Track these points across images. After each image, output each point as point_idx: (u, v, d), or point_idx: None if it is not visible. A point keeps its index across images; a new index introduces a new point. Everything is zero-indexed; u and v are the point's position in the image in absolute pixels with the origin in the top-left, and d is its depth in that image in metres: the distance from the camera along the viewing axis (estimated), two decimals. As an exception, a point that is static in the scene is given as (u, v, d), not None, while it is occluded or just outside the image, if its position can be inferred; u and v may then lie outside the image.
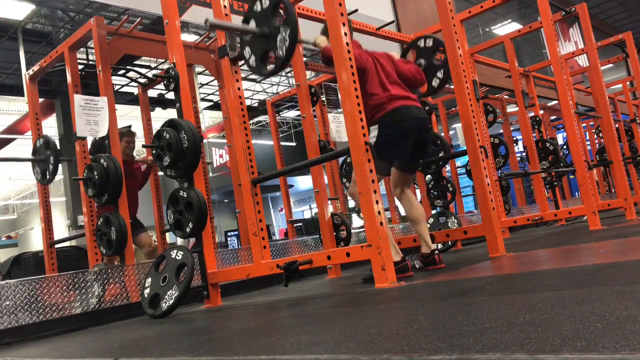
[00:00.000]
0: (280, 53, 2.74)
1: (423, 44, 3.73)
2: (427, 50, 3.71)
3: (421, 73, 3.42)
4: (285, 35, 2.70)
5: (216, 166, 14.47)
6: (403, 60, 3.46)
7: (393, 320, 1.61)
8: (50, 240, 4.58)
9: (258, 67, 2.93)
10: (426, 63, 3.67)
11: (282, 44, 2.71)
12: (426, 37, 3.75)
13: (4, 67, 9.72)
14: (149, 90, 5.98)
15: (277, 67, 2.83)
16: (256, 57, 2.93)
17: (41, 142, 4.43)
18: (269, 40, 2.80)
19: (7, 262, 5.99)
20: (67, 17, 8.92)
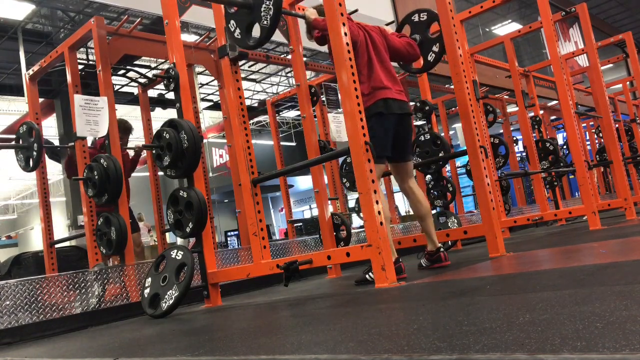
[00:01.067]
0: (265, 23, 2.73)
1: (417, 18, 3.64)
2: (421, 24, 3.62)
3: (415, 47, 3.36)
4: (270, 4, 2.69)
5: (216, 166, 14.48)
6: (397, 34, 3.40)
7: (393, 320, 1.61)
8: (50, 240, 4.58)
9: (243, 39, 2.92)
10: (421, 37, 3.57)
11: (267, 14, 2.70)
12: (420, 11, 3.66)
13: (4, 67, 9.72)
14: (149, 90, 5.99)
15: (262, 37, 2.80)
16: (241, 30, 2.91)
17: (24, 128, 4.32)
18: (253, 10, 2.78)
19: (7, 262, 5.98)
20: (67, 17, 8.92)
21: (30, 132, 4.29)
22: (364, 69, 3.08)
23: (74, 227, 9.83)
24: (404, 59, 3.38)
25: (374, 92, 3.08)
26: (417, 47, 3.40)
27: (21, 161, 4.38)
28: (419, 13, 3.64)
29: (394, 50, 3.28)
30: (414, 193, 3.33)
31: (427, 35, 3.59)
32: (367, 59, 3.10)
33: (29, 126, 4.32)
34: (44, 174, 4.69)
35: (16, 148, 4.41)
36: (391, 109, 3.10)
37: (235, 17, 2.94)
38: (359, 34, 3.08)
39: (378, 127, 3.05)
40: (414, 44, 3.40)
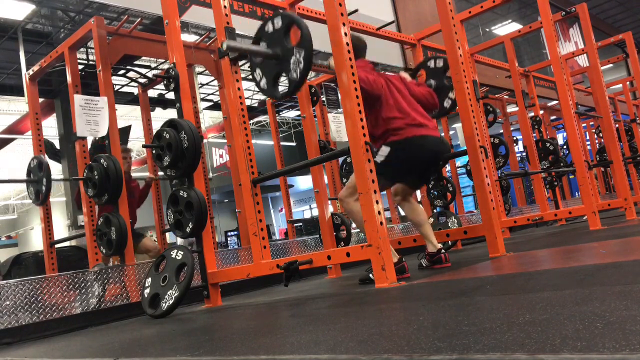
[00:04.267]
0: (294, 75, 2.65)
1: (433, 64, 3.68)
2: (437, 70, 3.65)
3: (434, 96, 3.39)
4: (300, 58, 2.61)
5: (216, 166, 14.48)
6: (415, 83, 3.43)
7: (393, 320, 1.61)
8: (50, 240, 4.58)
9: (270, 89, 2.85)
10: (437, 83, 3.61)
11: (296, 67, 2.63)
12: (436, 58, 3.70)
13: (4, 67, 9.71)
14: (149, 90, 5.99)
15: (291, 89, 2.73)
16: (268, 79, 2.85)
17: (35, 162, 4.41)
18: (282, 62, 2.72)
19: (7, 262, 5.99)
20: (67, 17, 8.92)
21: (40, 167, 4.34)
22: (393, 112, 3.10)
23: (74, 227, 9.83)
24: (424, 108, 3.38)
25: (409, 128, 3.11)
26: (436, 97, 3.42)
27: (31, 194, 4.49)
28: (435, 59, 3.68)
29: (415, 99, 3.30)
30: (411, 202, 3.42)
31: (444, 81, 3.61)
32: (393, 102, 3.13)
33: (38, 161, 4.39)
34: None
35: (27, 182, 4.48)
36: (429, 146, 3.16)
37: (262, 66, 2.88)
38: (382, 86, 3.11)
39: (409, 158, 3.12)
40: (434, 94, 3.42)
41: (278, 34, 2.76)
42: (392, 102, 3.12)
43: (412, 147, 3.10)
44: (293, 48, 2.66)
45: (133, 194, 4.94)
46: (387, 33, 5.28)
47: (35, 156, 4.48)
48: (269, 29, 2.80)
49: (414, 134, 3.10)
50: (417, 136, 3.11)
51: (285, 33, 2.74)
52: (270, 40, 2.80)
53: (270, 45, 2.79)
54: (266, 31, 2.82)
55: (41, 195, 4.31)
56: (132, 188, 4.92)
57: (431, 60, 3.70)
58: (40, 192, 4.31)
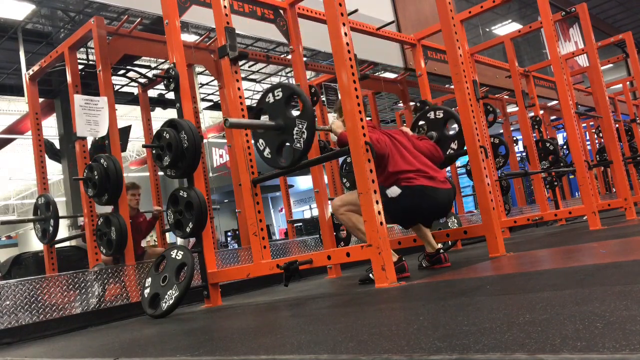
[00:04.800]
0: (298, 145, 2.68)
1: (433, 115, 3.68)
2: (437, 121, 3.65)
3: (438, 150, 3.40)
4: (303, 128, 2.64)
5: (216, 166, 14.48)
6: (417, 137, 3.44)
7: (393, 320, 1.61)
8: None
9: (274, 159, 2.86)
10: (438, 135, 3.62)
11: (300, 136, 2.66)
12: (436, 109, 3.71)
13: (4, 67, 9.71)
14: (149, 90, 5.99)
15: (296, 159, 2.75)
16: (272, 149, 2.85)
17: (42, 201, 4.46)
18: (285, 132, 2.74)
19: (7, 262, 5.98)
20: (67, 17, 8.91)
21: (47, 206, 4.38)
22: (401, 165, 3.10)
23: (74, 227, 9.83)
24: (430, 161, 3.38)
25: (419, 178, 3.11)
26: (440, 150, 3.43)
27: (38, 231, 4.55)
28: (435, 111, 3.68)
29: (420, 153, 3.31)
30: None
31: (445, 132, 3.62)
32: (399, 157, 3.13)
33: (46, 200, 4.43)
34: (44, 174, 4.69)
35: (34, 221, 4.54)
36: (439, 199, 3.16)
37: (264, 136, 2.90)
38: (387, 145, 3.11)
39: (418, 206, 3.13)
40: (437, 147, 3.43)
41: (279, 104, 2.78)
42: (398, 157, 3.13)
43: (423, 197, 3.09)
44: (295, 119, 2.68)
45: (140, 230, 5.01)
46: (387, 33, 5.28)
47: (41, 194, 4.55)
48: (269, 99, 2.82)
49: (426, 184, 3.10)
50: (429, 187, 3.11)
51: (287, 103, 2.76)
52: (272, 111, 2.82)
53: (272, 116, 2.81)
54: (267, 102, 2.84)
55: (48, 234, 4.39)
56: (139, 224, 4.98)
57: (431, 112, 3.70)
58: (48, 232, 4.39)
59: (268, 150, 2.89)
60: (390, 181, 3.09)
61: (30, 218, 4.61)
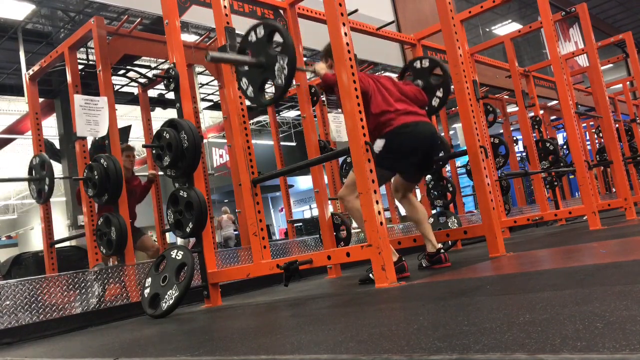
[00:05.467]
0: (279, 82, 2.69)
1: (419, 64, 3.72)
2: (424, 70, 3.70)
3: (423, 94, 3.41)
4: (284, 64, 2.65)
5: (216, 166, 14.48)
6: (403, 82, 3.46)
7: (393, 320, 1.61)
8: (50, 240, 4.58)
9: (257, 97, 2.88)
10: (424, 84, 3.66)
11: (281, 73, 2.67)
12: (422, 58, 3.75)
13: (4, 67, 9.71)
14: (149, 90, 5.99)
15: (277, 96, 2.78)
16: (254, 87, 2.87)
17: (37, 160, 4.40)
18: (267, 69, 2.75)
19: (7, 262, 5.98)
20: (67, 17, 8.91)
21: (42, 165, 4.33)
22: (382, 106, 3.12)
23: (74, 227, 9.83)
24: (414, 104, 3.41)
25: (400, 117, 3.13)
26: (424, 94, 3.45)
27: (33, 192, 4.49)
28: (421, 60, 3.72)
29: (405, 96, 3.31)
30: (410, 200, 3.43)
31: (430, 81, 3.65)
32: (381, 98, 3.15)
33: (41, 159, 4.37)
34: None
35: (29, 181, 4.48)
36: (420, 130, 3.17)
37: (247, 75, 2.91)
38: (369, 83, 3.12)
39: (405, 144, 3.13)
40: (422, 91, 3.45)
41: (261, 42, 2.78)
42: (380, 98, 3.15)
43: (406, 134, 3.12)
44: (277, 55, 2.68)
45: (135, 193, 4.93)
46: (387, 33, 5.28)
47: (37, 154, 4.47)
48: (252, 38, 2.82)
49: (406, 121, 3.13)
50: (409, 122, 3.13)
51: (268, 41, 2.76)
52: (254, 49, 2.82)
53: (254, 54, 2.82)
54: (250, 40, 2.84)
55: (44, 193, 4.31)
56: (134, 187, 4.91)
57: (417, 61, 3.74)
58: (43, 191, 4.32)
59: (251, 89, 2.90)
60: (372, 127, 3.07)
61: (25, 177, 4.56)
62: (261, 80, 2.83)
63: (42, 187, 4.31)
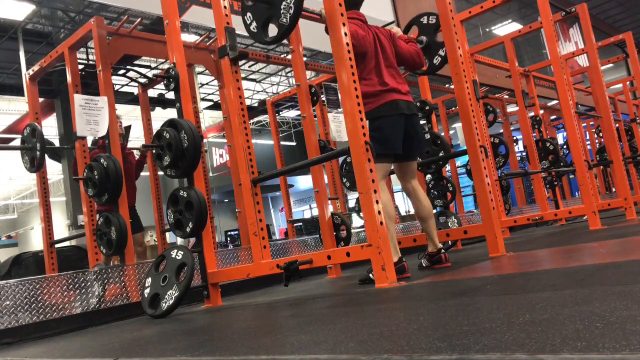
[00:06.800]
0: (284, 20, 2.66)
1: (426, 20, 3.67)
2: (429, 27, 3.65)
3: (421, 56, 3.38)
4: (290, 3, 2.62)
5: (216, 166, 14.48)
6: (405, 38, 3.42)
7: (393, 320, 1.61)
8: (50, 240, 4.58)
9: (259, 33, 2.85)
10: (428, 40, 3.62)
11: (287, 12, 2.64)
12: (429, 14, 3.70)
13: (4, 67, 9.72)
14: (149, 90, 5.99)
15: (280, 34, 2.74)
16: (258, 24, 2.85)
17: (28, 130, 4.38)
18: (272, 6, 2.73)
19: (7, 262, 5.98)
20: (67, 17, 8.92)
21: (33, 134, 4.33)
22: (371, 73, 3.11)
23: (74, 227, 9.84)
24: (409, 66, 3.41)
25: (382, 94, 3.11)
26: (422, 57, 3.42)
27: (26, 162, 4.47)
28: (428, 15, 3.68)
29: (401, 57, 3.30)
30: (417, 193, 3.34)
31: (435, 38, 3.62)
32: (374, 64, 3.13)
33: (32, 128, 4.37)
34: (44, 173, 4.69)
35: (21, 149, 4.47)
36: (400, 110, 3.14)
37: (253, 10, 2.89)
38: (370, 43, 3.10)
39: (388, 127, 3.09)
40: (421, 53, 3.41)
41: None
42: (373, 63, 3.12)
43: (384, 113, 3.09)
44: None
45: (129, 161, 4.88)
46: (387, 33, 5.27)
47: (28, 124, 4.47)
48: None
49: (385, 100, 3.10)
50: (388, 102, 3.11)
51: None
52: None
53: None
54: None
55: (36, 161, 4.31)
56: (126, 155, 4.84)
57: (424, 17, 3.70)
58: (35, 158, 4.31)
59: (254, 24, 2.87)
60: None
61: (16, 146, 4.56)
62: (265, 17, 2.80)
63: (34, 155, 4.31)
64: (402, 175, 3.38)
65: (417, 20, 3.73)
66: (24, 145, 4.40)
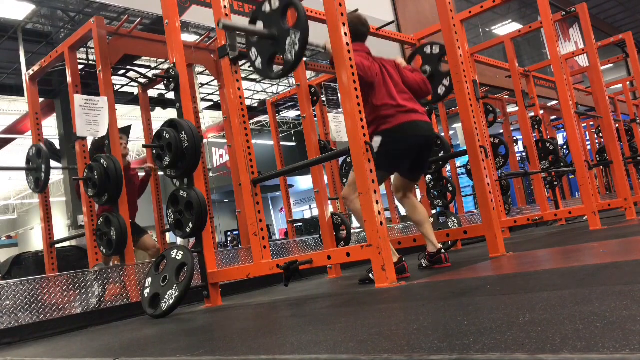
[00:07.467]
0: (289, 57, 2.66)
1: (430, 50, 3.69)
2: (433, 57, 3.67)
3: (427, 84, 3.38)
4: (295, 39, 2.62)
5: (216, 166, 14.48)
6: (410, 69, 3.42)
7: (393, 320, 1.61)
8: (50, 240, 4.58)
9: (265, 69, 2.86)
10: (432, 70, 3.62)
11: (292, 48, 2.63)
12: (433, 44, 3.71)
13: (4, 67, 9.72)
14: (149, 90, 5.99)
15: (286, 70, 2.75)
16: (263, 60, 2.86)
17: (34, 150, 4.42)
18: (278, 42, 2.72)
19: (7, 262, 5.98)
20: (67, 17, 8.92)
21: (39, 154, 4.35)
22: (385, 99, 3.10)
23: (74, 227, 9.83)
24: (416, 95, 3.37)
25: (399, 115, 3.11)
26: (429, 85, 3.42)
27: (31, 183, 4.53)
28: (431, 45, 3.69)
29: (408, 86, 3.30)
30: (411, 200, 3.42)
31: (439, 68, 3.62)
32: (385, 91, 3.13)
33: (37, 148, 4.41)
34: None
35: (26, 170, 4.51)
36: (421, 131, 3.16)
37: (257, 46, 2.88)
38: (377, 73, 3.10)
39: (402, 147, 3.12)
40: (427, 82, 3.41)
41: (275, 14, 2.75)
42: (384, 89, 3.13)
43: (403, 133, 3.10)
44: (289, 29, 2.65)
45: (133, 182, 4.88)
46: (387, 33, 5.28)
47: (34, 144, 4.49)
48: (266, 8, 2.80)
49: (404, 120, 3.11)
50: (407, 122, 3.12)
51: (282, 14, 2.73)
52: (266, 20, 2.79)
53: (266, 25, 2.79)
54: (263, 11, 2.81)
55: (41, 182, 4.34)
56: (130, 176, 4.85)
57: (427, 47, 3.71)
58: (40, 180, 4.34)
59: (260, 60, 2.87)
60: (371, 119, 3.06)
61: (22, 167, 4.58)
62: (271, 53, 2.81)
63: (40, 176, 4.34)
64: (401, 188, 3.44)
65: (421, 50, 3.75)
66: (29, 166, 4.44)
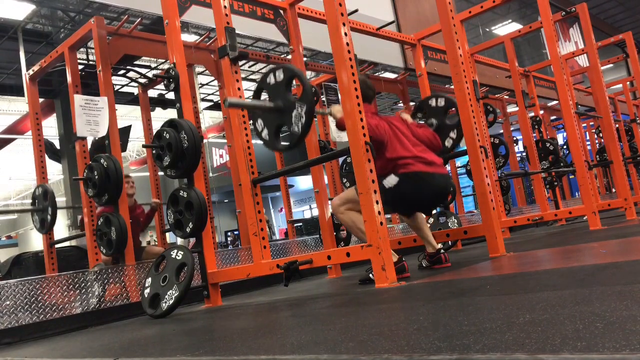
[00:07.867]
0: (295, 129, 2.64)
1: (435, 103, 3.67)
2: (438, 109, 3.64)
3: (437, 138, 3.37)
4: (302, 112, 2.61)
5: (216, 166, 14.48)
6: (416, 124, 3.42)
7: (393, 320, 1.61)
8: (50, 240, 4.58)
9: (272, 141, 2.84)
10: (438, 123, 3.60)
11: (298, 120, 2.62)
12: (437, 96, 3.69)
13: (4, 67, 9.71)
14: (149, 90, 5.99)
15: (293, 143, 2.72)
16: (270, 131, 2.83)
17: (40, 191, 4.44)
18: (283, 115, 2.71)
19: (7, 262, 5.98)
20: (67, 17, 8.91)
21: (45, 196, 4.37)
22: (399, 151, 3.10)
23: (74, 227, 9.83)
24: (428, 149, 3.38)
25: (417, 164, 3.11)
26: (439, 139, 3.41)
27: (36, 222, 4.54)
28: (436, 98, 3.67)
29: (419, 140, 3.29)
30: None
31: (445, 121, 3.61)
32: (398, 144, 3.12)
33: (44, 189, 4.42)
34: (44, 174, 4.69)
35: (32, 211, 4.53)
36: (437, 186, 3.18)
37: (263, 117, 2.87)
38: (385, 131, 3.10)
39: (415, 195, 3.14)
40: (437, 135, 3.41)
41: (279, 86, 2.75)
42: (397, 143, 3.12)
43: (421, 182, 3.10)
44: (295, 102, 2.65)
45: (138, 222, 4.96)
46: (387, 33, 5.28)
47: (39, 184, 4.52)
48: (270, 80, 2.79)
49: (423, 170, 3.10)
50: (426, 172, 3.11)
51: (287, 85, 2.74)
52: (271, 92, 2.79)
53: (271, 97, 2.78)
54: (268, 83, 2.81)
55: (46, 223, 4.37)
56: (137, 215, 4.93)
57: (432, 99, 3.69)
58: (46, 221, 4.37)
59: (266, 131, 2.86)
60: (388, 169, 3.08)
61: (28, 208, 4.61)
62: (277, 124, 2.79)
63: (45, 217, 4.37)
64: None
65: (426, 103, 3.73)
66: (35, 207, 4.46)
